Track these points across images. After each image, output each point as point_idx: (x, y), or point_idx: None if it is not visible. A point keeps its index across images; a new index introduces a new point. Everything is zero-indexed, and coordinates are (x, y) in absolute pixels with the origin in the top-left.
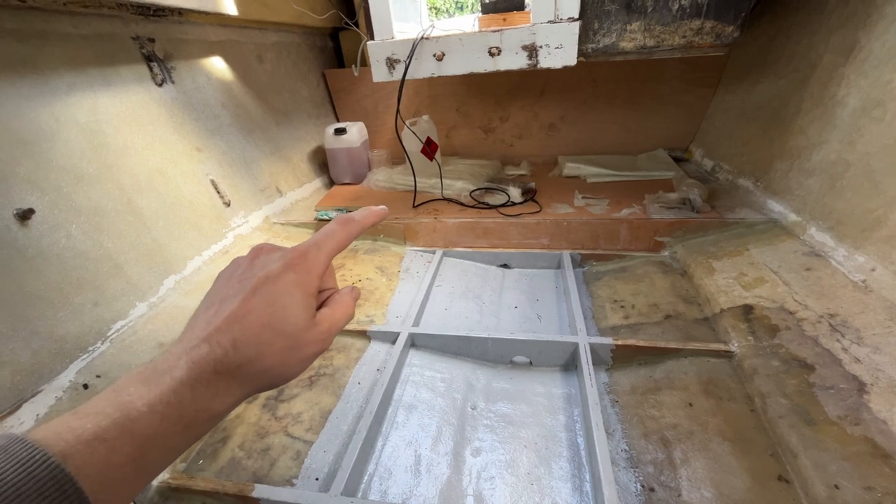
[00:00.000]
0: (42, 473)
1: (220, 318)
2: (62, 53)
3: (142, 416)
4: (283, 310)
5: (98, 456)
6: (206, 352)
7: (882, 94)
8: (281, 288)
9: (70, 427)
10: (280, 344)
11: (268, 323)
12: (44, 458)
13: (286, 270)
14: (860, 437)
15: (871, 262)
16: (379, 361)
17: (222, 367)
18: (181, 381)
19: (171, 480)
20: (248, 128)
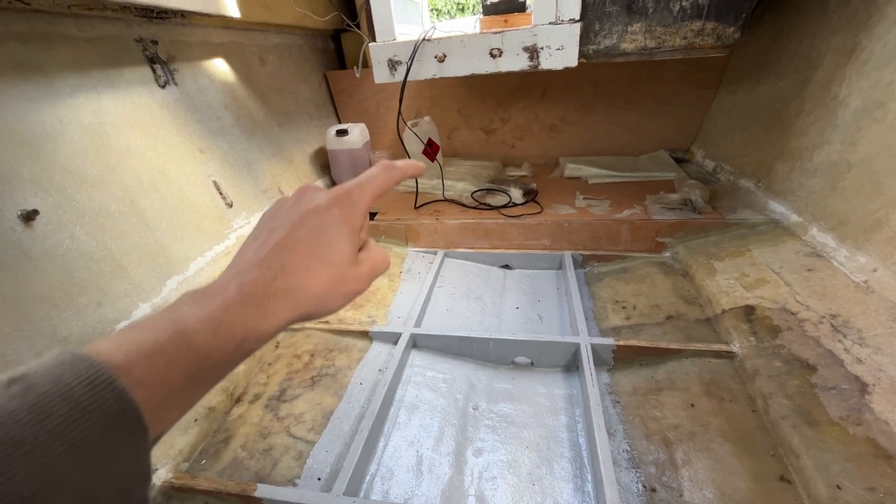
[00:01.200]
0: (107, 394)
1: (269, 245)
2: (66, 56)
3: (196, 333)
4: (330, 241)
5: (157, 369)
6: (256, 275)
7: (883, 95)
8: (328, 220)
9: (130, 340)
10: (326, 274)
11: (315, 252)
12: (108, 378)
13: (332, 205)
14: (862, 438)
15: (873, 262)
16: (381, 362)
17: (271, 290)
18: (232, 301)
19: (173, 480)
20: (251, 129)
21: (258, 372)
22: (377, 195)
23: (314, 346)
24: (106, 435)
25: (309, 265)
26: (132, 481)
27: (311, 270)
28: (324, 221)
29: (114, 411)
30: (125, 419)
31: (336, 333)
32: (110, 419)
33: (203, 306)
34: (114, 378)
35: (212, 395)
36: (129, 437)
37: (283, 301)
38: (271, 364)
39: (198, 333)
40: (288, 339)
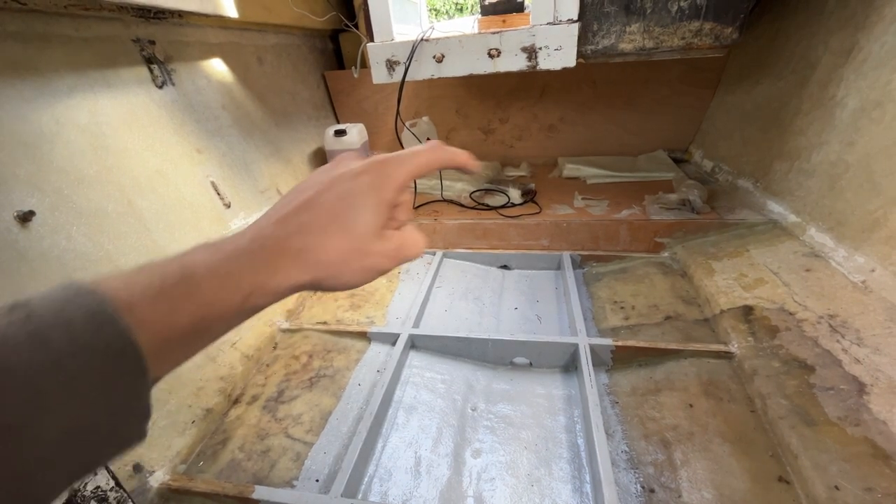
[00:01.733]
0: (108, 330)
1: (293, 205)
2: (63, 56)
3: (203, 280)
4: (353, 208)
5: (161, 312)
6: (272, 231)
7: (881, 96)
8: (356, 187)
9: (137, 280)
10: (345, 241)
11: (336, 216)
12: (111, 315)
13: (363, 172)
14: (860, 438)
15: (871, 262)
16: (379, 363)
17: (284, 247)
18: (242, 252)
19: (171, 482)
20: (249, 129)
21: (256, 373)
22: (417, 172)
23: (312, 347)
24: (104, 371)
25: (327, 229)
26: (129, 419)
27: (327, 234)
28: (351, 188)
29: (114, 348)
30: (125, 357)
31: (334, 334)
32: (110, 356)
33: (213, 254)
34: (116, 315)
35: (209, 397)
36: (128, 376)
37: (294, 260)
38: (269, 365)
39: (205, 280)
40: (286, 340)
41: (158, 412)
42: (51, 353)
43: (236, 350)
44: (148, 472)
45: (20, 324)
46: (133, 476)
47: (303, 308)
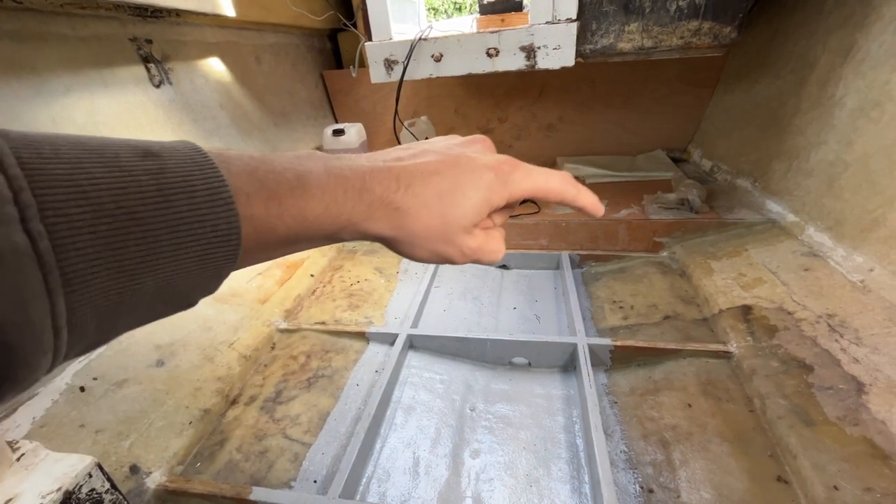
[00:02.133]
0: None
1: (414, 162)
2: (59, 55)
3: (312, 200)
4: (461, 198)
5: (268, 216)
6: (386, 179)
7: (880, 95)
8: (475, 179)
9: (257, 174)
10: (437, 222)
11: (443, 196)
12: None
13: (489, 169)
14: (859, 438)
15: (870, 262)
16: (377, 363)
17: (389, 199)
18: (352, 185)
19: (168, 483)
20: (247, 129)
21: (254, 373)
22: (538, 192)
23: (310, 348)
24: (207, 249)
25: (429, 203)
26: (202, 293)
27: (427, 208)
28: (471, 177)
29: (221, 231)
30: (227, 243)
31: (332, 334)
32: (216, 237)
33: (327, 177)
34: (233, 203)
35: (207, 397)
36: (222, 260)
37: (389, 216)
38: (267, 365)
39: (313, 200)
40: (284, 341)
41: (155, 412)
42: (172, 215)
43: (234, 350)
44: (145, 473)
45: (153, 174)
46: (129, 477)
47: (301, 308)
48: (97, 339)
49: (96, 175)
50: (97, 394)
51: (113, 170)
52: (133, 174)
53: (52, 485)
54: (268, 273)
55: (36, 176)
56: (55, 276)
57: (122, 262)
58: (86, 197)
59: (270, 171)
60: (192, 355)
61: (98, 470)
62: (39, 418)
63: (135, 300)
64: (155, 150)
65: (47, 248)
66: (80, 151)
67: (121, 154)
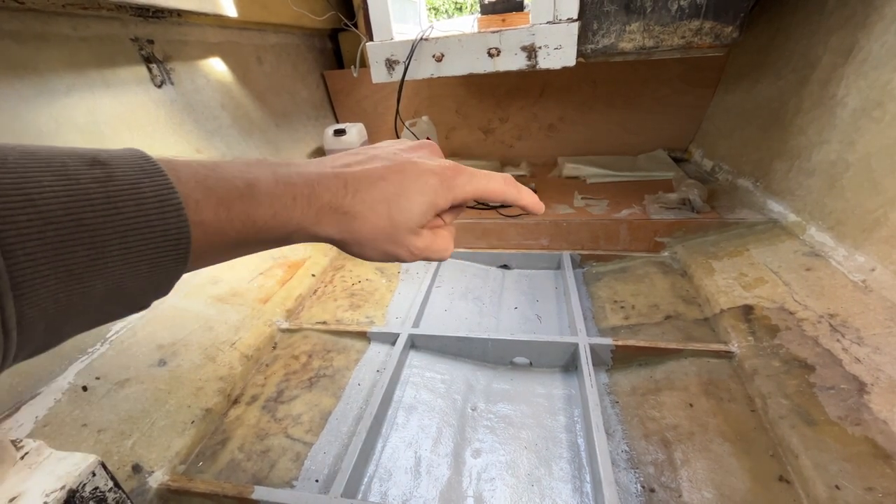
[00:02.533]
0: (172, 219)
1: (360, 168)
2: (61, 55)
3: (262, 206)
4: (408, 201)
5: (217, 220)
6: (333, 185)
7: (881, 95)
8: (420, 184)
9: (206, 180)
10: (384, 225)
11: (390, 201)
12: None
13: (433, 174)
14: (861, 438)
15: (871, 262)
16: (379, 362)
17: (337, 204)
18: (300, 191)
19: (170, 482)
20: (248, 129)
21: (255, 373)
22: (482, 196)
23: (312, 347)
24: (157, 252)
25: (376, 208)
26: (154, 294)
27: (374, 212)
28: (416, 182)
29: (171, 236)
30: (177, 247)
31: (334, 334)
32: (167, 241)
33: (275, 183)
34: (182, 208)
35: (209, 397)
36: (172, 263)
37: (338, 219)
38: (269, 365)
39: (263, 206)
40: (285, 340)
41: (158, 412)
42: (121, 222)
43: (236, 350)
44: (147, 472)
45: (101, 183)
46: (132, 476)
47: (302, 308)
48: (46, 341)
49: (44, 184)
50: (99, 393)
51: (61, 178)
52: (81, 182)
53: (55, 483)
54: (269, 273)
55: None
56: (5, 281)
57: (70, 267)
58: (34, 205)
59: (220, 178)
60: (194, 355)
61: (102, 469)
62: (42, 417)
63: (84, 303)
64: (102, 159)
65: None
66: (27, 161)
67: (68, 163)
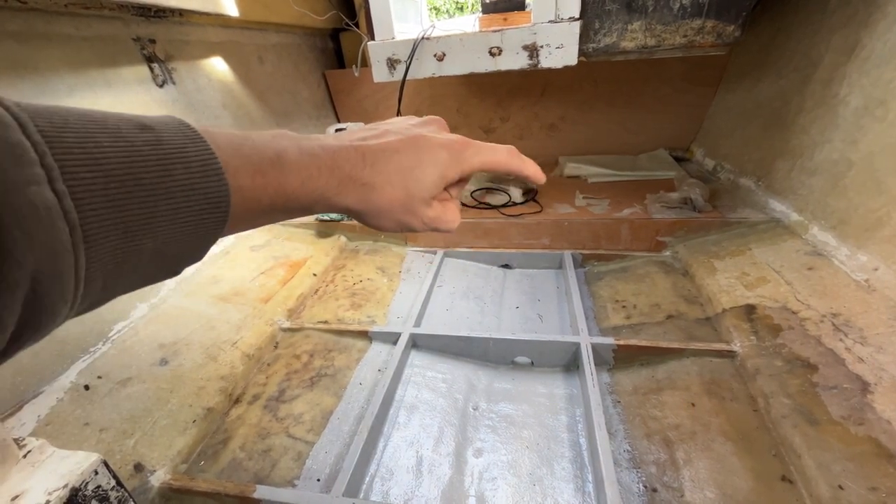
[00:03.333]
0: (214, 184)
1: (376, 142)
2: (63, 55)
3: (290, 175)
4: (422, 172)
5: (253, 187)
6: (353, 156)
7: (884, 94)
8: (432, 156)
9: (242, 150)
10: (400, 195)
11: (404, 173)
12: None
13: (444, 147)
14: (864, 437)
15: (874, 261)
16: (380, 362)
17: (356, 176)
18: (323, 163)
19: (172, 481)
20: (249, 128)
21: (257, 372)
22: (489, 167)
23: (313, 347)
24: (200, 215)
25: (392, 179)
26: (192, 257)
27: (391, 184)
28: (428, 155)
29: (213, 200)
30: (218, 211)
31: (335, 333)
32: (209, 204)
33: (302, 156)
34: (224, 174)
35: (210, 396)
36: (212, 225)
37: (356, 190)
38: (270, 364)
39: (291, 175)
40: (287, 340)
41: (160, 411)
42: (171, 182)
43: (237, 349)
44: (149, 471)
45: (152, 145)
46: (134, 475)
47: (304, 307)
48: (100, 298)
49: (104, 144)
50: (101, 392)
51: (118, 140)
52: (135, 145)
53: (58, 482)
54: (270, 272)
55: (54, 142)
56: (78, 232)
57: (128, 224)
58: (97, 163)
59: (253, 147)
60: (196, 354)
61: (104, 467)
62: (44, 416)
63: (134, 261)
64: (149, 124)
65: (70, 206)
66: (86, 122)
67: (121, 126)
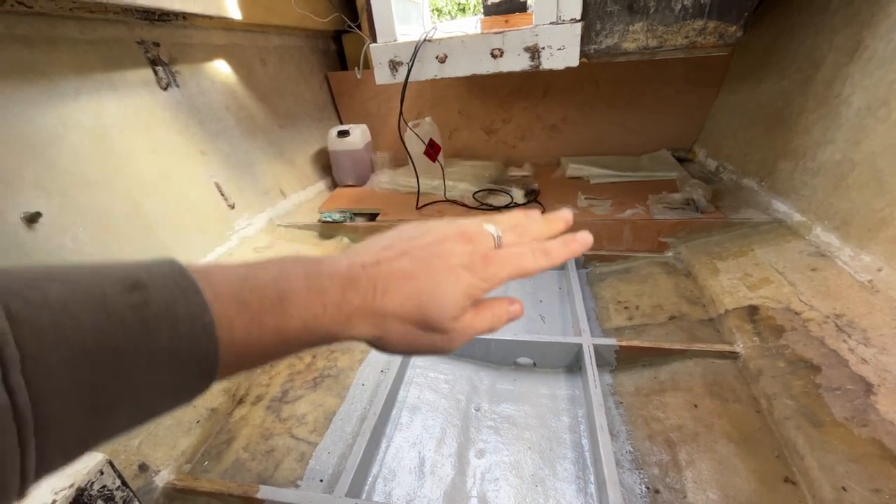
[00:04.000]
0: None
1: (390, 266)
2: (69, 58)
3: (292, 319)
4: (441, 296)
5: (248, 336)
6: (364, 286)
7: (887, 94)
8: (452, 277)
9: (242, 295)
10: (415, 321)
11: (420, 298)
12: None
13: (464, 268)
14: (867, 439)
15: (878, 262)
16: (382, 363)
17: (365, 305)
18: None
19: (176, 482)
20: (252, 131)
21: (260, 373)
22: (515, 278)
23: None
24: (184, 376)
25: (406, 306)
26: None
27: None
28: (448, 278)
29: (200, 359)
30: (204, 368)
31: None
32: (195, 364)
33: (308, 293)
34: (213, 329)
35: (213, 397)
36: (198, 383)
37: (366, 321)
38: (273, 365)
39: (293, 319)
40: None
41: None
42: (154, 347)
43: None
44: (153, 471)
45: (138, 308)
46: (139, 475)
47: None
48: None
49: (82, 319)
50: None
51: (99, 312)
52: (118, 313)
53: (64, 481)
54: None
55: (24, 326)
56: (29, 427)
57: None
58: (69, 342)
59: (253, 289)
60: None
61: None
62: None
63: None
64: (143, 281)
65: (24, 401)
66: (68, 294)
67: (108, 293)
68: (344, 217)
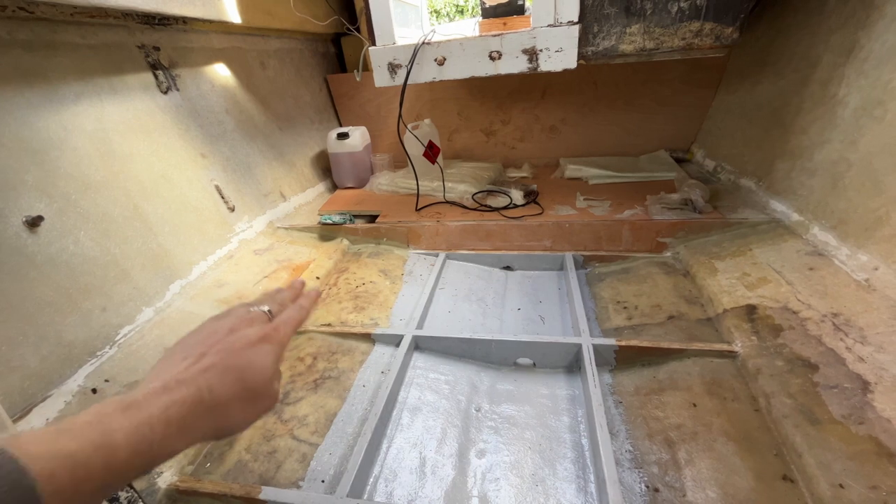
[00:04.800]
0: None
1: (200, 366)
2: (70, 63)
3: (119, 449)
4: (259, 371)
5: (77, 480)
6: (185, 394)
7: (883, 94)
8: (258, 353)
9: (60, 449)
10: (246, 397)
11: (242, 378)
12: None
13: (261, 339)
14: (865, 437)
15: (874, 261)
16: (383, 364)
17: (197, 407)
18: (158, 420)
19: (178, 483)
20: (252, 133)
21: None
22: (298, 328)
23: (317, 349)
24: None
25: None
26: None
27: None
28: (253, 353)
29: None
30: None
31: (338, 336)
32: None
33: (130, 420)
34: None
35: None
36: None
37: (202, 419)
38: None
39: (121, 450)
40: (290, 343)
41: None
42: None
43: None
44: (156, 473)
45: None
46: (141, 477)
47: None
48: None
49: None
50: (109, 395)
51: None
52: None
53: None
54: (274, 276)
55: None
56: None
57: None
58: None
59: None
60: None
61: None
62: (52, 419)
63: None
64: None
65: None
66: None
67: None
68: (344, 219)
